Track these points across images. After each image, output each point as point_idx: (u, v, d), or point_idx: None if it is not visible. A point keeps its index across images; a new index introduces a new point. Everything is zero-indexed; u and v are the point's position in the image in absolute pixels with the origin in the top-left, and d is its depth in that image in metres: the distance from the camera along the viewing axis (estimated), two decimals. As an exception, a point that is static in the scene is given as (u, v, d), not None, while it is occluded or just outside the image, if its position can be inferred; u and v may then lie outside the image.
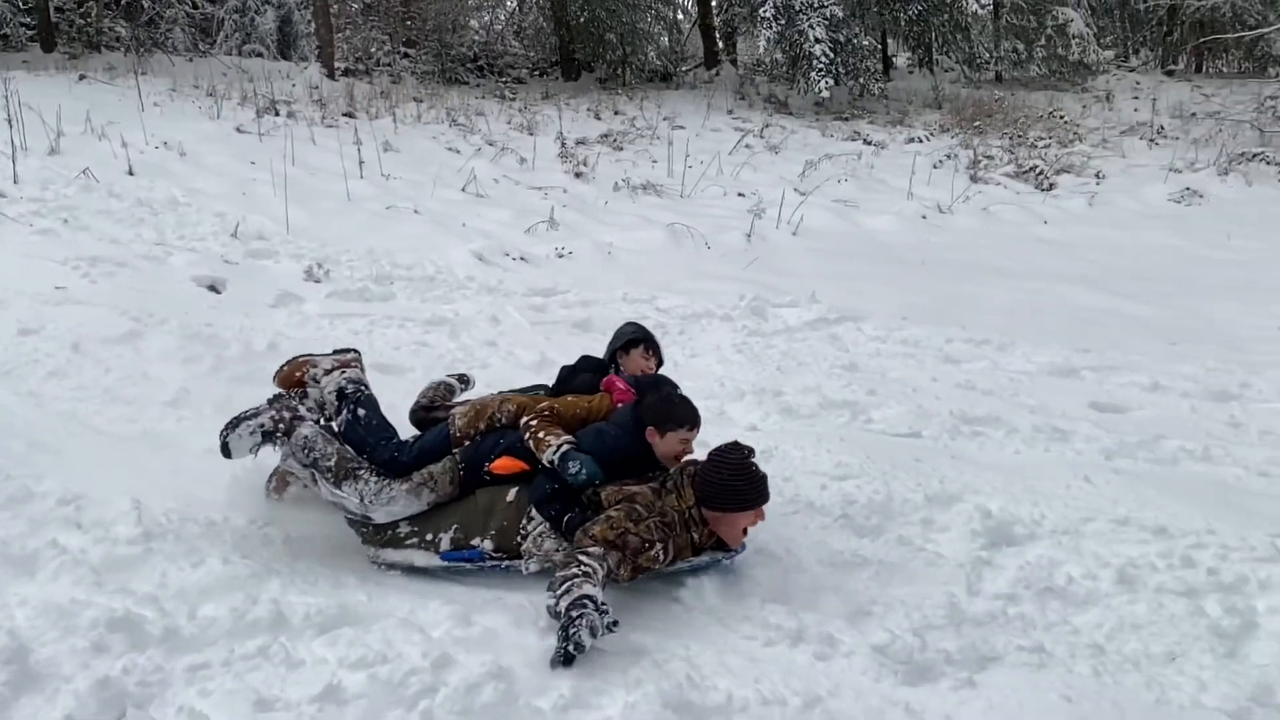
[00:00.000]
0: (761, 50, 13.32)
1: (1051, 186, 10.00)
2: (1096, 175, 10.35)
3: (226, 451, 2.91)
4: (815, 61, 11.99)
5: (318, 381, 3.24)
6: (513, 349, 5.03)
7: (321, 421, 3.15)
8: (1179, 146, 11.03)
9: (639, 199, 9.00)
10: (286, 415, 2.99)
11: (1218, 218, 9.26)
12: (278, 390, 3.23)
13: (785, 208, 8.37)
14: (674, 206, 8.80)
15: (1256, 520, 3.43)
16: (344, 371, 3.25)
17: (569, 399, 3.21)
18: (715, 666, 2.43)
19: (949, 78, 13.98)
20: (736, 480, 2.87)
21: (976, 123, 11.54)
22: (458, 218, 7.83)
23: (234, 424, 2.93)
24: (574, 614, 2.38)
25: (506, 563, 2.88)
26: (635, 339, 3.57)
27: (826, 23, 12.05)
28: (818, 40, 12.02)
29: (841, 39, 12.36)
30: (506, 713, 2.18)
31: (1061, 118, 12.06)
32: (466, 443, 3.08)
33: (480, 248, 6.95)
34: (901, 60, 16.42)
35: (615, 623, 2.40)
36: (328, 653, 2.32)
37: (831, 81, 11.84)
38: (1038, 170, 10.18)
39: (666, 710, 2.21)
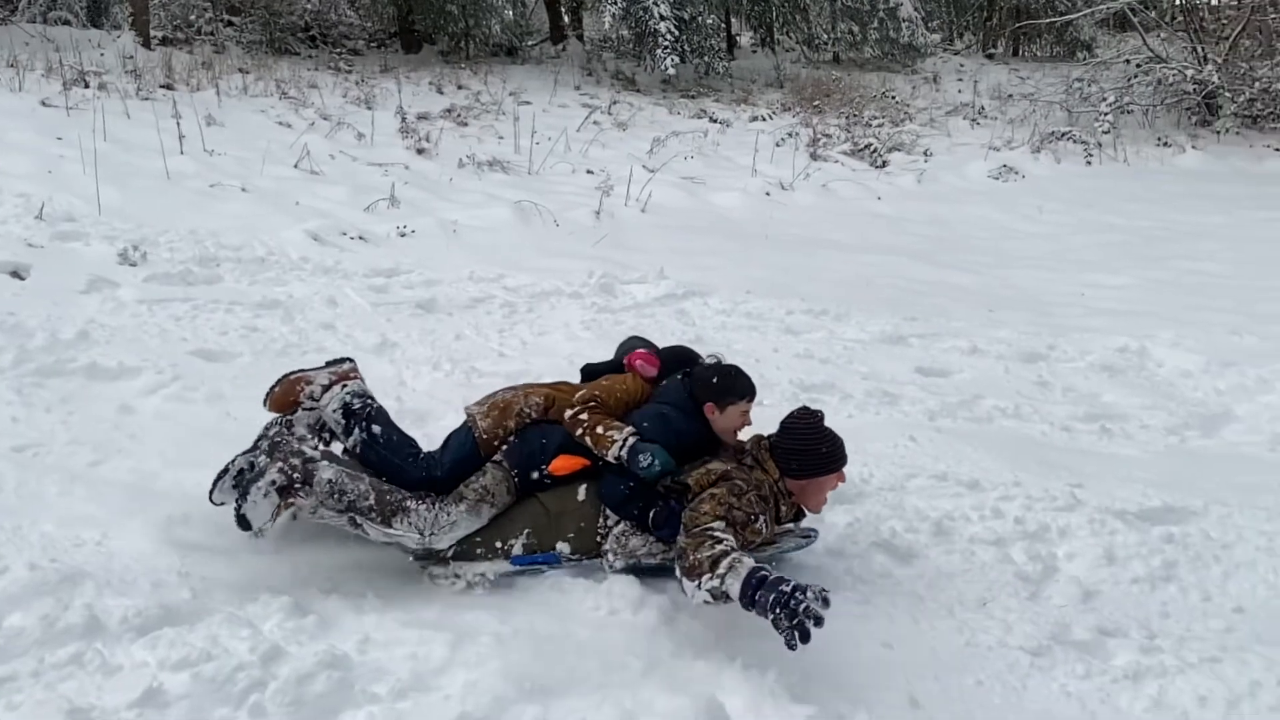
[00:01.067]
0: (607, 26, 13.32)
1: (885, 164, 10.48)
2: (925, 153, 10.92)
3: (245, 524, 2.56)
4: (661, 39, 12.10)
5: (316, 400, 2.89)
6: (352, 332, 4.86)
7: (321, 448, 2.84)
8: (997, 126, 11.78)
9: (485, 176, 8.85)
10: (295, 462, 2.66)
11: (1031, 193, 9.96)
12: (272, 416, 2.89)
13: (634, 185, 8.43)
14: (522, 183, 8.71)
15: (1058, 472, 3.75)
16: (344, 385, 2.92)
17: (604, 383, 2.99)
18: (561, 640, 2.46)
19: (790, 58, 14.41)
20: (819, 445, 2.84)
21: (816, 102, 11.95)
22: (290, 195, 7.47)
23: (242, 490, 2.58)
24: (782, 589, 2.26)
25: (585, 560, 2.78)
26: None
27: (671, 0, 12.17)
28: (663, 18, 12.13)
29: (686, 17, 12.51)
30: (341, 701, 2.14)
31: (893, 98, 12.65)
32: (496, 444, 2.90)
33: (315, 227, 6.66)
34: (745, 40, 16.79)
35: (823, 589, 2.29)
36: (148, 655, 2.20)
37: (677, 59, 11.99)
38: (872, 148, 10.65)
39: (509, 685, 2.21)
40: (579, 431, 2.84)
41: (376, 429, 2.86)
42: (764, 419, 3.06)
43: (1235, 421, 4.61)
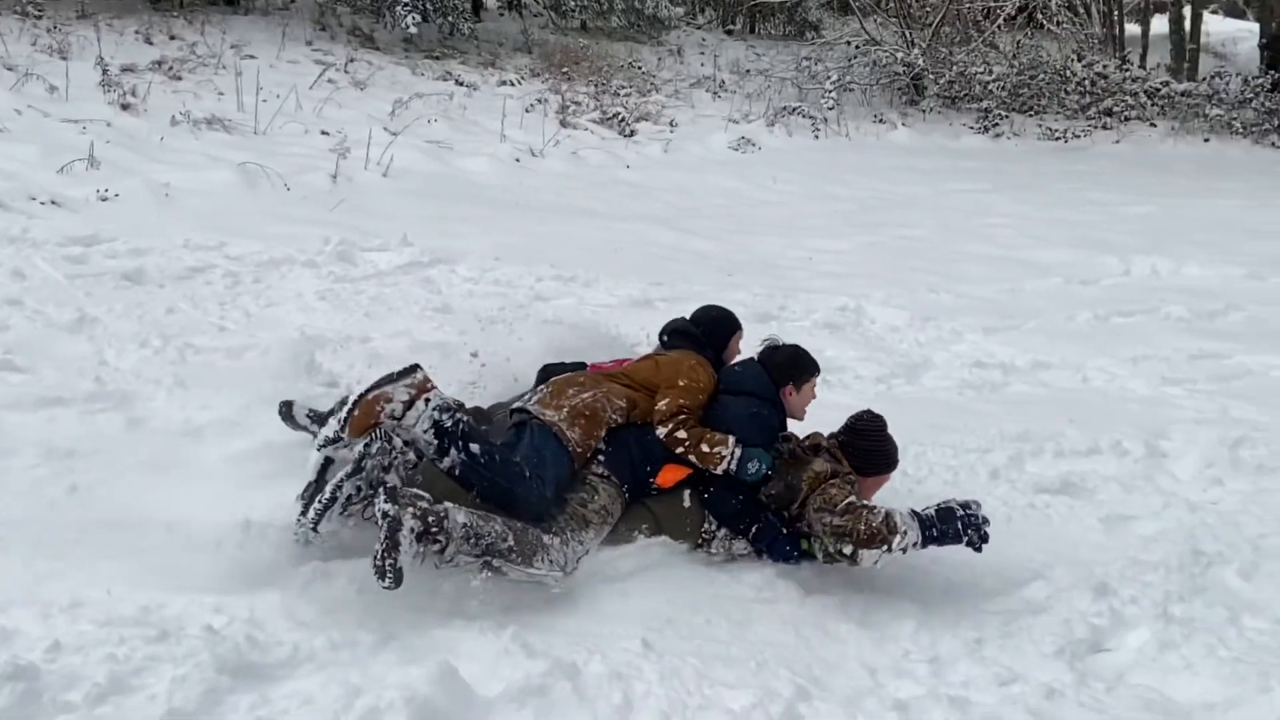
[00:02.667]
0: (343, -21, 12.59)
1: (633, 133, 10.70)
2: (671, 124, 11.26)
3: (399, 579, 2.29)
4: (402, -5, 11.61)
5: (398, 418, 2.55)
6: (42, 307, 4.30)
7: (403, 469, 2.55)
8: (736, 100, 12.35)
9: (203, 135, 8.10)
10: (424, 505, 2.40)
11: (767, 164, 10.56)
12: (355, 441, 2.51)
13: (374, 147, 8.05)
14: (247, 144, 8.06)
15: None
16: (427, 399, 2.60)
17: (683, 384, 2.94)
18: (282, 621, 2.32)
19: (538, 23, 14.31)
20: (887, 445, 3.09)
21: (565, 69, 11.96)
22: (-35, 155, 6.48)
23: (390, 544, 2.29)
24: (959, 516, 2.72)
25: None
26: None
27: (412, -44, 11.69)
28: (404, -27, 11.64)
29: (429, -26, 12.09)
30: (29, 714, 1.90)
31: (640, 69, 12.91)
32: (588, 454, 2.84)
33: (-3, 190, 5.83)
34: (492, 2, 16.46)
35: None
36: None
37: (419, 18, 11.54)
38: (620, 117, 10.83)
39: (223, 676, 2.06)
40: (680, 450, 2.87)
41: (475, 448, 2.63)
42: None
43: (933, 369, 5.13)
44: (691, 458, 2.87)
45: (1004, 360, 5.20)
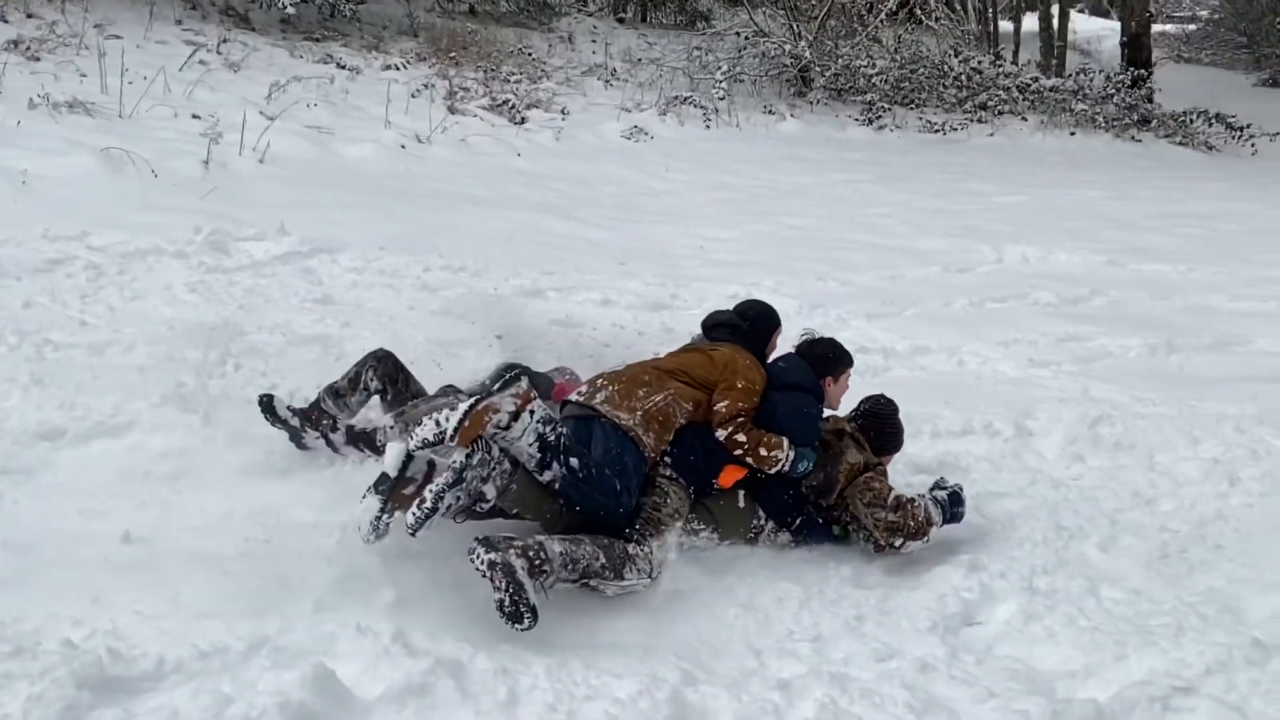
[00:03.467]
0: (216, -45, 11.98)
1: (523, 120, 10.56)
2: (562, 111, 11.16)
3: (536, 615, 2.38)
4: (280, -26, 11.14)
5: (504, 428, 2.57)
6: (-123, 303, 3.98)
7: (500, 479, 2.58)
8: (628, 89, 12.33)
9: (64, 119, 7.61)
10: (520, 544, 2.46)
11: (659, 153, 10.59)
12: (461, 451, 2.52)
13: (249, 132, 7.72)
14: (111, 128, 7.60)
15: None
16: (531, 411, 2.63)
17: (741, 386, 3.04)
18: (146, 631, 2.21)
19: (424, 5, 13.96)
20: (901, 427, 3.40)
21: (452, 54, 11.71)
22: None
23: (514, 586, 2.36)
24: (958, 498, 3.16)
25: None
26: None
27: (290, -66, 11.23)
28: (280, -49, 11.17)
29: (308, -47, 11.64)
30: None
31: (530, 55, 12.75)
32: (657, 458, 2.92)
33: None
34: (377, -16, 15.99)
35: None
36: None
37: (298, -2, 11.11)
38: (510, 104, 10.68)
39: (83, 692, 1.95)
40: (739, 452, 3.00)
41: (574, 461, 2.67)
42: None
43: (821, 355, 5.27)
44: (749, 460, 3.01)
45: (886, 345, 5.37)
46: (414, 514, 2.43)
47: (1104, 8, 27.41)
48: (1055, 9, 17.80)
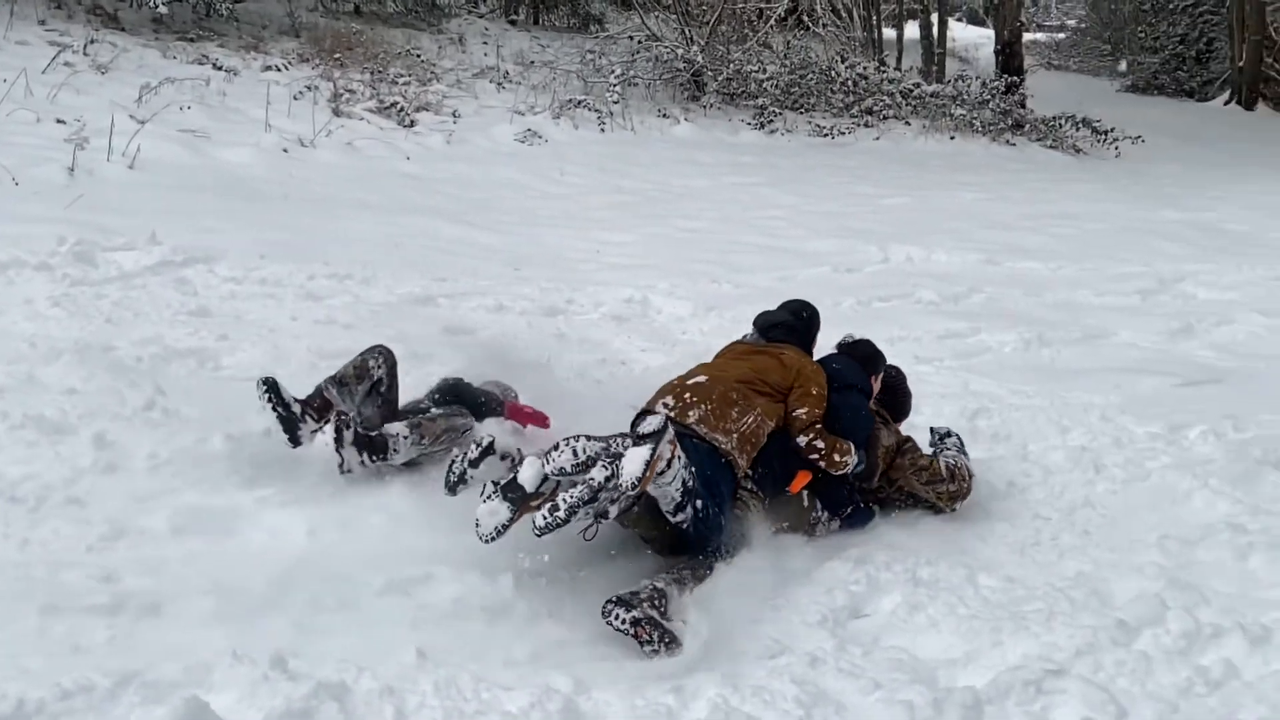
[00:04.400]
0: (81, -49, 11.35)
1: (413, 123, 10.35)
2: (453, 114, 10.98)
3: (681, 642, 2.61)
4: (151, -29, 10.63)
5: (660, 475, 2.66)
6: None
7: (624, 503, 2.69)
8: (521, 91, 12.23)
9: (-89, 123, 7.10)
10: (645, 595, 2.64)
11: (553, 156, 10.54)
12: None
13: (119, 137, 7.34)
14: (-35, 133, 7.14)
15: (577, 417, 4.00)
16: (679, 457, 2.72)
17: (815, 393, 3.20)
18: (7, 671, 2.08)
19: (306, 5, 13.55)
20: (910, 393, 3.73)
21: (337, 55, 11.38)
22: None
23: (662, 631, 2.57)
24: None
25: None
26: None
27: (161, -72, 10.72)
28: (151, -53, 10.66)
29: (181, -50, 11.14)
30: None
31: (419, 57, 12.51)
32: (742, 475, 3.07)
33: None
34: (257, -18, 15.44)
35: None
36: None
37: (171, -4, 10.61)
38: (399, 107, 10.45)
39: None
40: (815, 457, 3.17)
41: (699, 504, 2.80)
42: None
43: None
44: (822, 464, 3.19)
45: (779, 346, 5.46)
46: (544, 518, 2.60)
47: (980, 17, 28.67)
48: (935, 18, 18.49)
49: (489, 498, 2.66)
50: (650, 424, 2.63)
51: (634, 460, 2.57)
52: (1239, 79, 20.27)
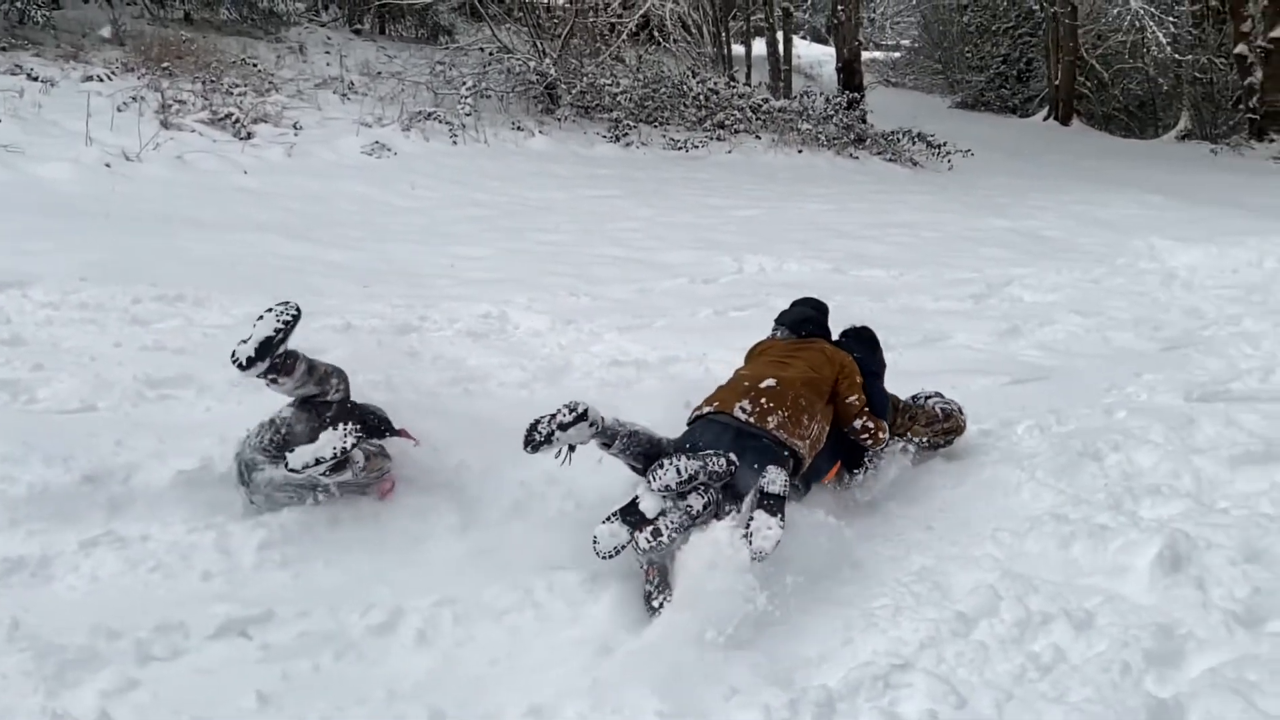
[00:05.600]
0: None
1: (250, 135, 9.88)
2: (295, 126, 10.55)
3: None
4: (-50, -28, 9.77)
5: None
6: None
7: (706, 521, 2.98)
8: (368, 103, 11.88)
9: None
10: None
11: (403, 169, 10.27)
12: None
13: (-86, 152, 6.69)
14: None
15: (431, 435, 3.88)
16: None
17: (860, 381, 3.58)
18: None
19: (131, 12, 12.75)
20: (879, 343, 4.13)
21: (165, 64, 10.75)
22: None
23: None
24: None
25: None
26: None
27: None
28: (-51, -55, 9.80)
29: (-14, -51, 10.29)
30: None
31: (255, 66, 11.97)
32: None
33: None
34: (75, -14, 14.42)
35: None
36: None
37: (-25, 1, 9.78)
38: (234, 118, 9.95)
39: None
40: (865, 437, 3.58)
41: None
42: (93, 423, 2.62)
43: (573, 371, 5.27)
44: (868, 441, 3.59)
45: (637, 357, 5.47)
46: (648, 543, 2.84)
47: (823, 35, 29.93)
48: (780, 35, 19.15)
49: (611, 520, 2.89)
50: (776, 483, 2.93)
51: (767, 536, 2.83)
52: (1056, 96, 21.94)
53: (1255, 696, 2.27)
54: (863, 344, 3.91)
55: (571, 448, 3.05)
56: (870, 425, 3.58)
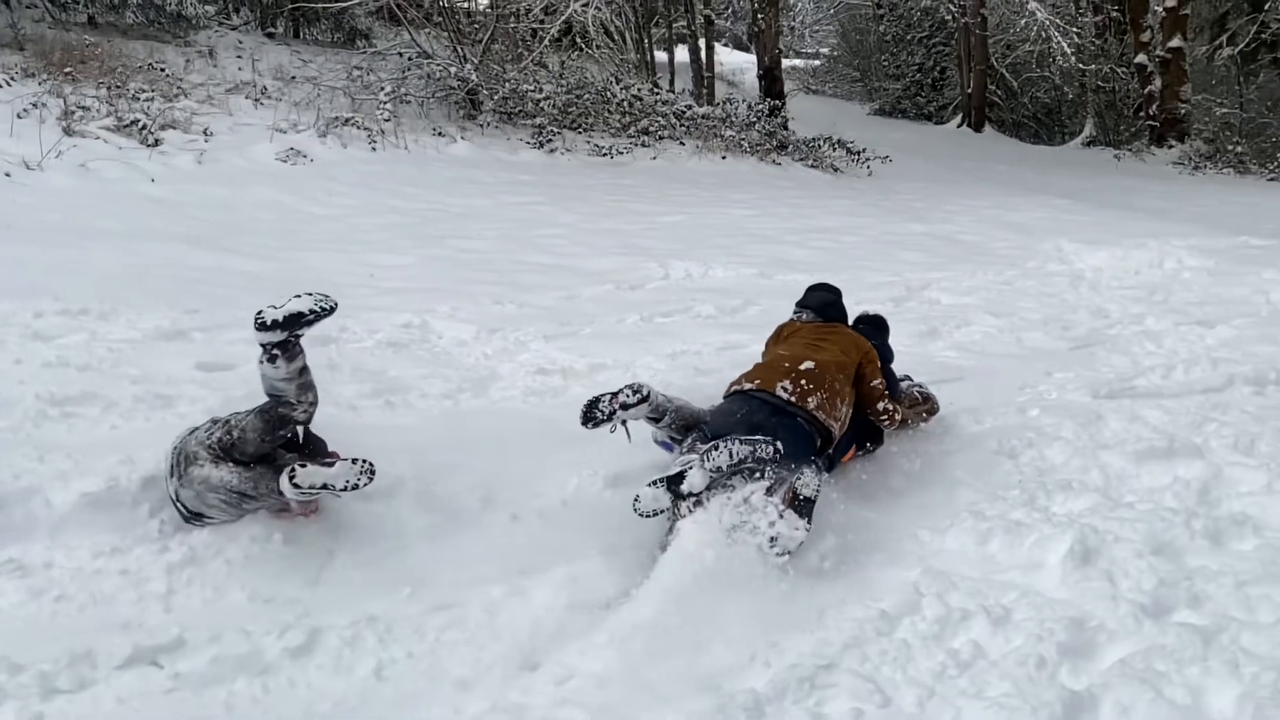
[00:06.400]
0: None
1: (158, 142, 9.53)
2: (205, 132, 10.22)
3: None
4: None
5: None
6: None
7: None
8: (282, 108, 11.58)
9: None
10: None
11: (320, 176, 10.04)
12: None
13: None
14: None
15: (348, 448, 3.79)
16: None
17: (879, 364, 3.78)
18: None
19: (31, 15, 12.21)
20: None
21: (68, 69, 10.31)
22: None
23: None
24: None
25: None
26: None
27: None
28: None
29: None
30: None
31: (163, 71, 11.57)
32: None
33: None
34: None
35: None
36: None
37: None
38: (141, 125, 9.59)
39: None
40: (885, 419, 3.82)
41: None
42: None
43: (499, 380, 5.21)
44: (887, 424, 3.82)
45: (564, 365, 5.43)
46: (689, 512, 3.08)
47: (744, 43, 30.33)
48: (703, 43, 19.33)
49: (656, 485, 3.13)
50: (809, 485, 3.13)
51: (793, 537, 3.03)
52: (968, 104, 22.62)
53: (1163, 686, 2.35)
54: (878, 330, 4.17)
55: (624, 422, 3.36)
56: (890, 408, 3.81)
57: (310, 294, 3.16)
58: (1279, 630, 2.61)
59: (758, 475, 3.21)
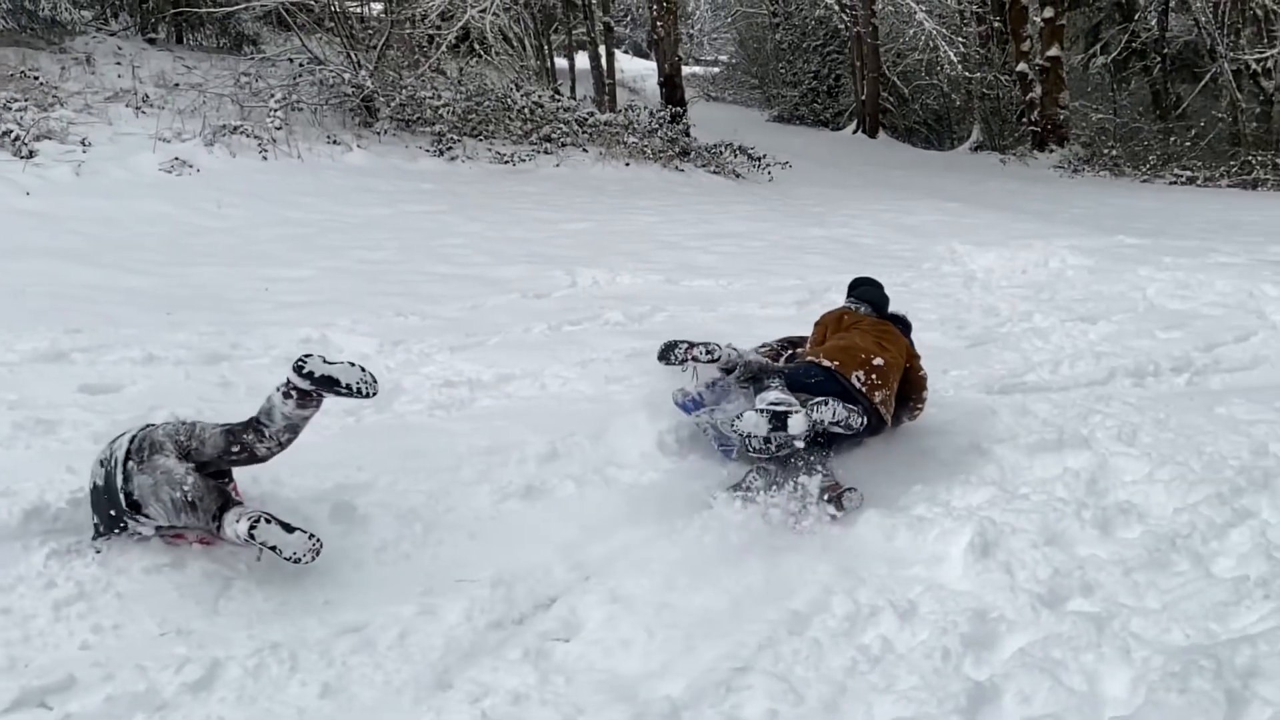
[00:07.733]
0: None
1: (32, 154, 9.02)
2: (83, 143, 9.72)
3: None
4: None
5: None
6: None
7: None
8: (165, 117, 11.11)
9: None
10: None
11: (208, 187, 9.65)
12: None
13: None
14: None
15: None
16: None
17: (920, 359, 4.25)
18: None
19: (-115, 17, 11.43)
20: None
21: (-72, 75, 9.69)
22: None
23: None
24: None
25: None
26: None
27: None
28: None
29: None
30: None
31: (36, 79, 10.96)
32: None
33: None
34: None
35: None
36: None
37: None
38: (14, 135, 9.06)
39: None
40: (922, 406, 4.20)
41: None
42: None
43: (403, 394, 5.09)
44: (921, 408, 4.18)
45: (471, 377, 5.34)
46: (777, 451, 3.53)
47: (644, 50, 30.55)
48: (603, 49, 19.38)
49: (762, 413, 3.44)
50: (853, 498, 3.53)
51: (854, 500, 3.51)
52: (862, 110, 23.31)
53: (1060, 673, 2.45)
54: (907, 330, 4.49)
55: (695, 367, 3.81)
56: (926, 396, 4.24)
57: (364, 370, 3.14)
58: (1166, 615, 2.74)
59: (799, 465, 3.55)
